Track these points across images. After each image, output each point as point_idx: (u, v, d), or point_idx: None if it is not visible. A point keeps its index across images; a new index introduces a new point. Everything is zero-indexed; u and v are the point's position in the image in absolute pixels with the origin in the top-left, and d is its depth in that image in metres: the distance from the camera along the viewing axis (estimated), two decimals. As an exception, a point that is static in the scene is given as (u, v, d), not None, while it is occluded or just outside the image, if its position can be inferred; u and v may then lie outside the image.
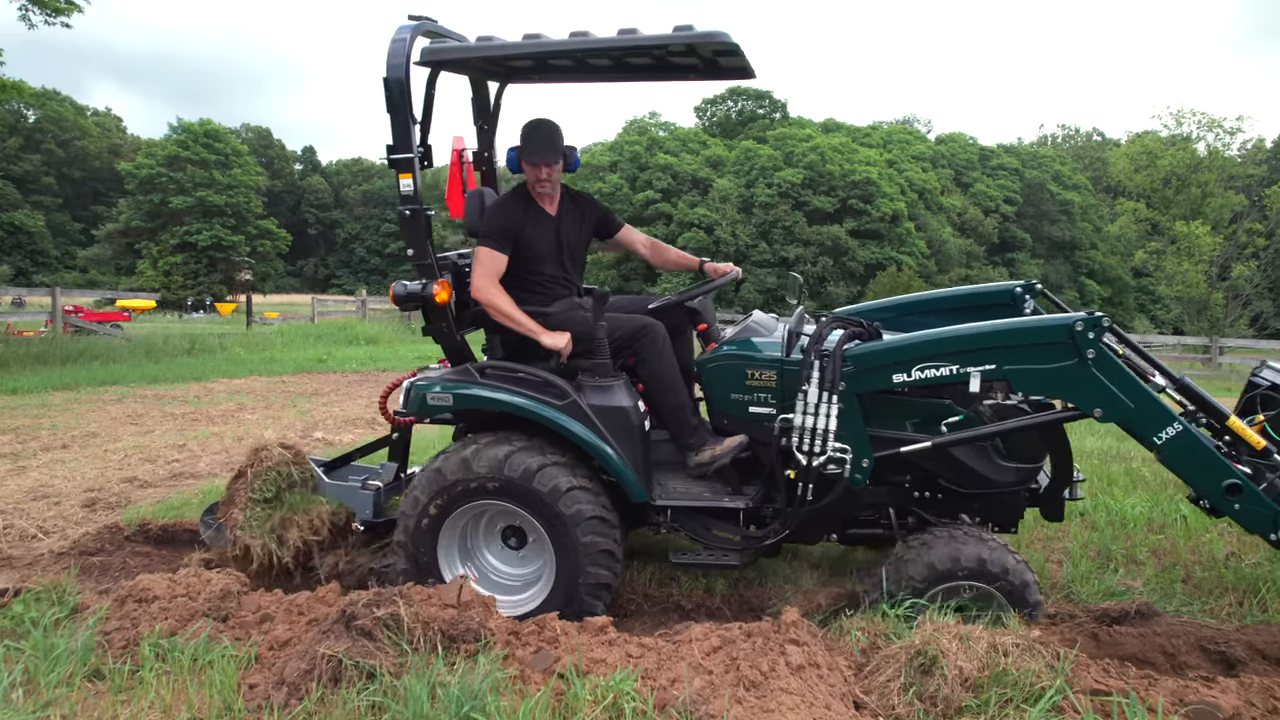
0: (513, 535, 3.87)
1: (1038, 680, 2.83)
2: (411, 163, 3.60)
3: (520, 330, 3.74)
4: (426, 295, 3.69)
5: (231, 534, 4.04)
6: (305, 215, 78.07)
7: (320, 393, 11.47)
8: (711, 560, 3.76)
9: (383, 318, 26.62)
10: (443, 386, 3.69)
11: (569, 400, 3.61)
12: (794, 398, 3.50)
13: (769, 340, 3.83)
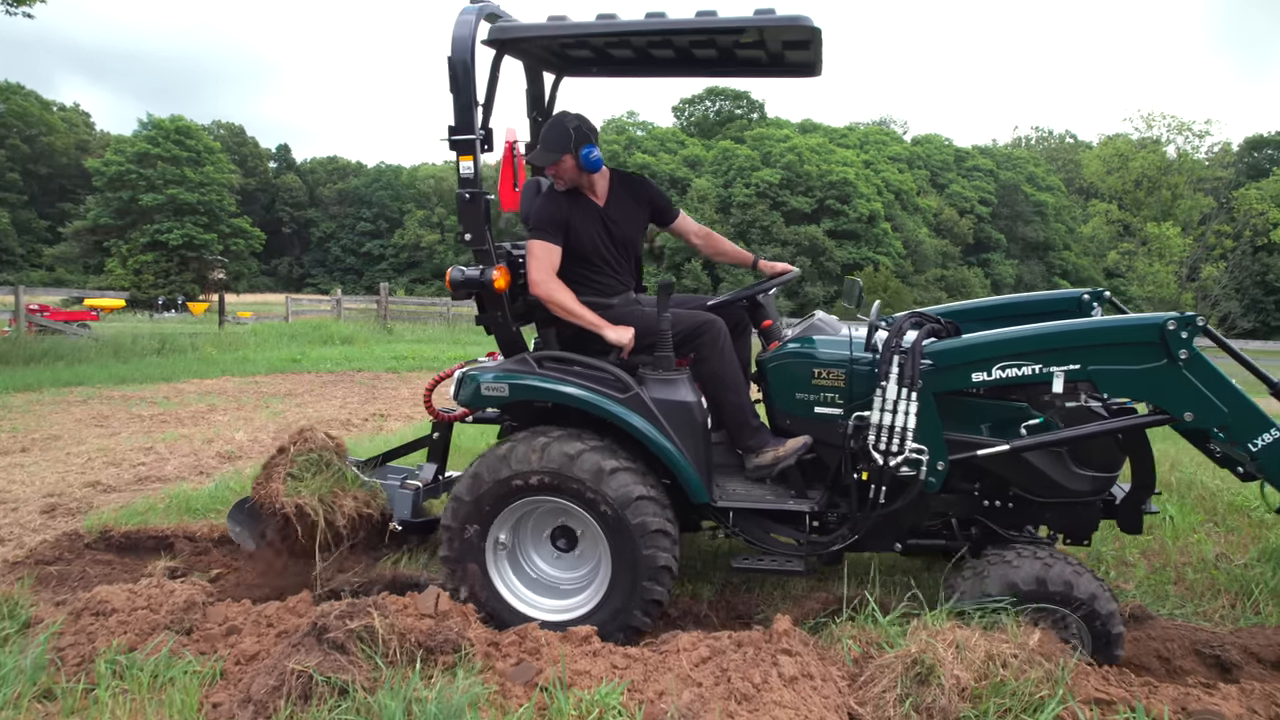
0: (562, 536, 3.70)
1: (1038, 690, 2.74)
2: (473, 145, 3.45)
3: (582, 325, 3.60)
4: (485, 282, 3.51)
5: (276, 501, 3.92)
6: (279, 214, 77.07)
7: (294, 393, 11.24)
8: (774, 566, 3.58)
9: (357, 317, 26.29)
10: (498, 376, 3.52)
11: (631, 393, 3.45)
12: (863, 398, 3.41)
13: (835, 338, 3.68)
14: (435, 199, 79.15)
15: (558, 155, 3.64)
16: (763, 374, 3.72)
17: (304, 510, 3.91)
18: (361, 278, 73.70)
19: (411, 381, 13.12)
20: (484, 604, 3.50)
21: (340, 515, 3.97)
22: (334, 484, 4.09)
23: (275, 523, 3.98)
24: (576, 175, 3.71)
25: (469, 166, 3.48)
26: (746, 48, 3.64)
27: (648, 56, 3.89)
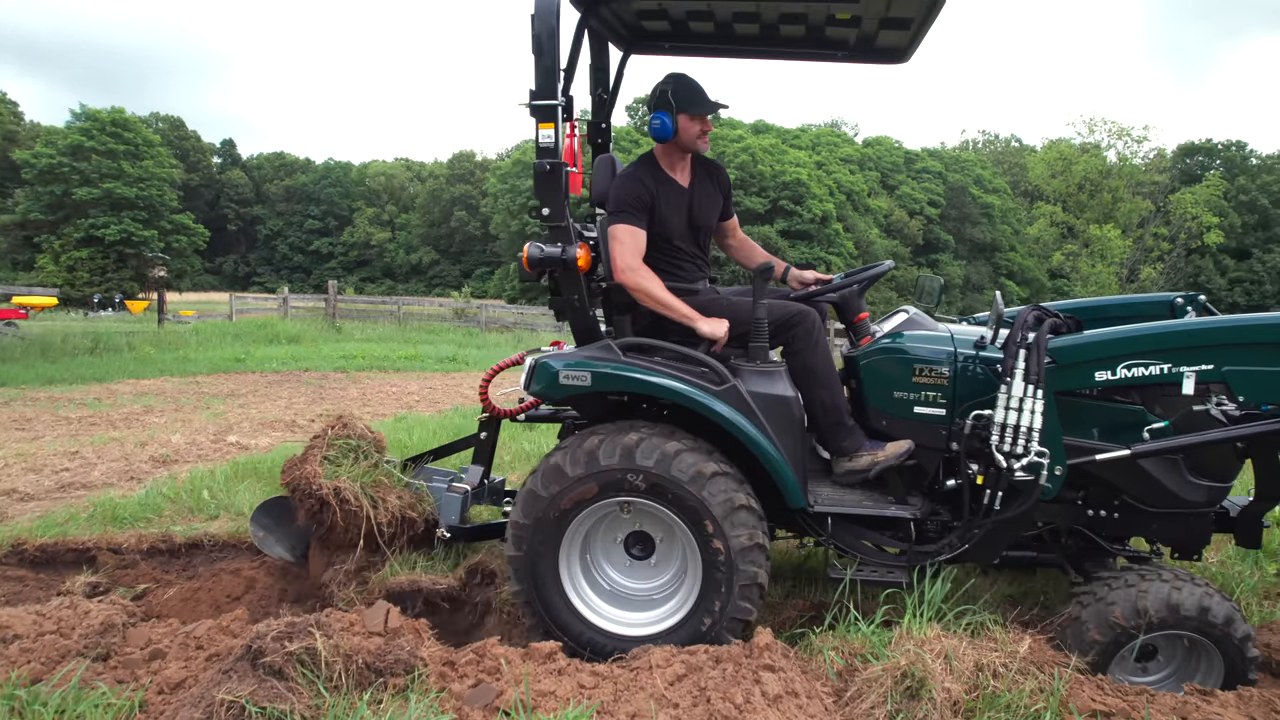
0: (637, 543, 3.41)
1: (1032, 702, 2.59)
2: (554, 111, 3.17)
3: (671, 316, 3.35)
4: (567, 260, 3.22)
5: (313, 482, 3.60)
6: (224, 210, 75.06)
7: (237, 394, 10.76)
8: (875, 577, 3.31)
9: (305, 316, 25.59)
10: (579, 364, 3.23)
11: (727, 386, 3.19)
12: (969, 398, 3.23)
13: (935, 334, 3.47)
14: (385, 196, 77.90)
15: (716, 109, 3.42)
16: (854, 371, 3.49)
17: (344, 496, 3.58)
18: (310, 276, 72.14)
19: (360, 381, 12.71)
20: (552, 611, 3.24)
21: (384, 512, 3.66)
22: (375, 477, 3.78)
23: (308, 508, 3.64)
24: (691, 142, 3.47)
25: (549, 135, 3.19)
26: (840, 25, 3.45)
27: (728, 32, 3.67)
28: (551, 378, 3.23)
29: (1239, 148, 65.83)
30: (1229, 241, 55.13)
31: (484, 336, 24.76)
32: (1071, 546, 3.47)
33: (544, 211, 3.24)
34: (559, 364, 3.23)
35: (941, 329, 3.54)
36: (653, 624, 3.26)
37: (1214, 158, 65.33)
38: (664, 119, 3.42)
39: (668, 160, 3.55)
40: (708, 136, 3.49)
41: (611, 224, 3.42)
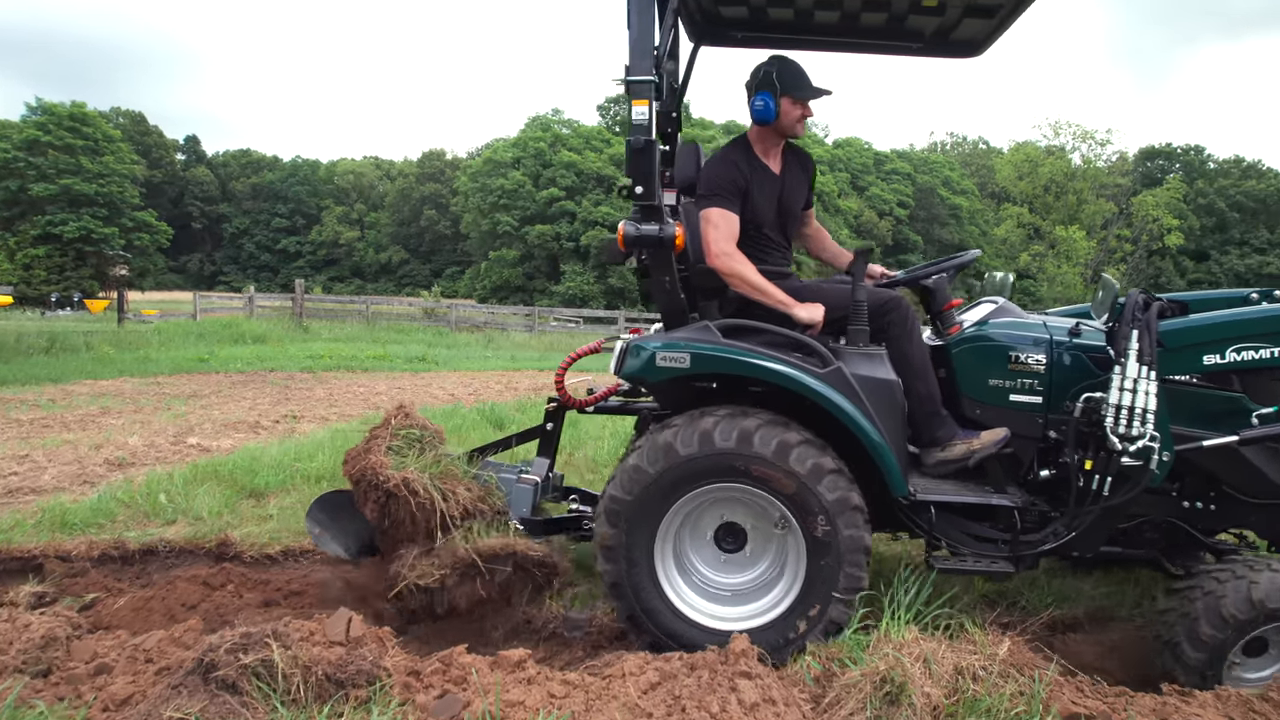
0: (727, 535, 3.30)
1: (1013, 705, 2.54)
2: (649, 88, 3.07)
3: (765, 302, 3.26)
4: (665, 239, 3.12)
5: (380, 473, 3.43)
6: (189, 208, 73.73)
7: (199, 394, 10.50)
8: (981, 567, 3.26)
9: (271, 315, 25.20)
10: (678, 345, 3.14)
11: (832, 368, 3.10)
12: (1065, 386, 3.22)
13: (1029, 321, 3.45)
14: (354, 195, 77.03)
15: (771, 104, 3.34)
16: (944, 360, 3.42)
17: (414, 488, 3.41)
18: (277, 275, 71.11)
19: (328, 381, 12.49)
20: (642, 597, 3.12)
21: (455, 504, 3.48)
22: (445, 468, 3.62)
23: (375, 500, 3.46)
24: (790, 126, 3.41)
25: (643, 112, 3.07)
26: (923, 14, 3.41)
27: (807, 21, 3.62)
28: (648, 360, 3.14)
29: (1197, 152, 67.28)
30: (1188, 244, 56.32)
31: (454, 336, 24.54)
32: (1159, 540, 3.42)
33: (636, 190, 3.14)
34: (655, 345, 3.14)
35: (1033, 317, 3.51)
36: (745, 619, 3.17)
37: (1173, 161, 66.71)
38: (767, 100, 3.34)
39: (762, 145, 3.48)
40: (805, 123, 3.44)
41: (704, 207, 3.35)
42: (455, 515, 3.46)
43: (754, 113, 3.39)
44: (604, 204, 50.39)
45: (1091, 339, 3.34)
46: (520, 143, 54.87)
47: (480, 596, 3.40)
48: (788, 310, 3.25)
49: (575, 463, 6.28)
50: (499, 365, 16.30)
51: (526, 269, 53.00)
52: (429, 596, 3.39)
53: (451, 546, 3.40)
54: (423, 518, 3.43)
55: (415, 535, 3.46)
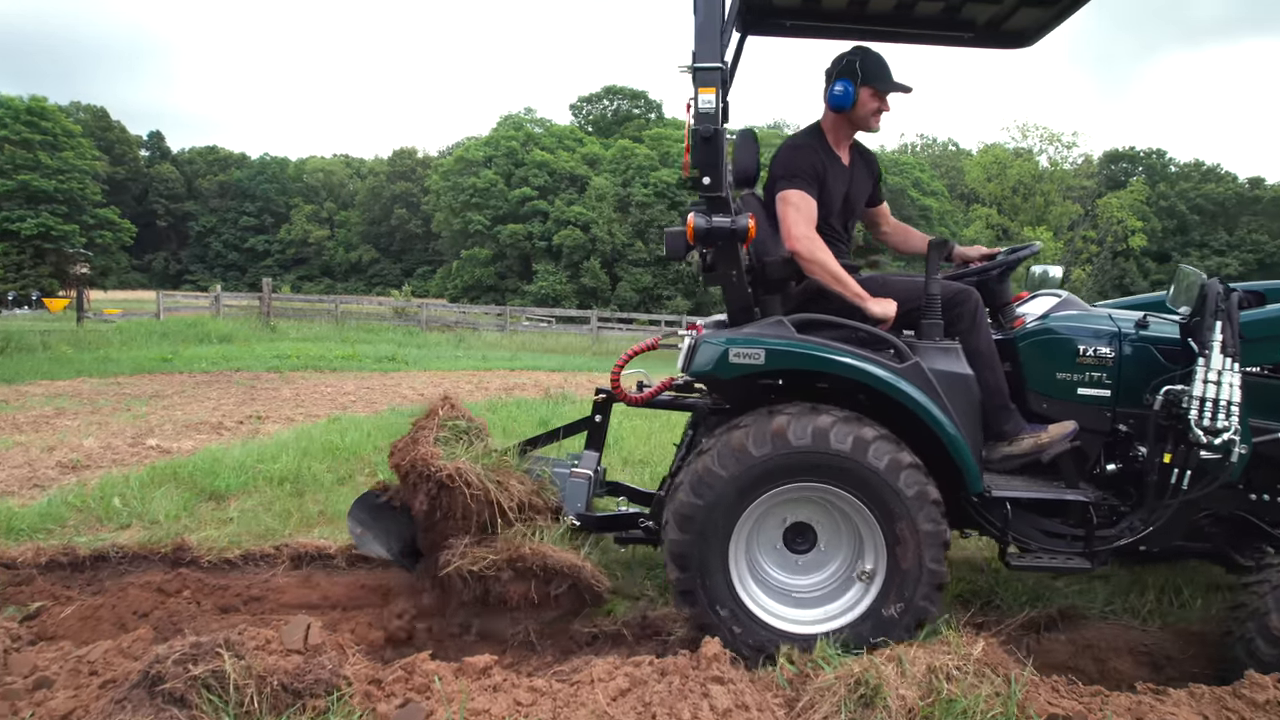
0: (796, 535, 3.22)
1: (989, 707, 2.49)
2: (717, 75, 2.96)
3: (841, 293, 3.18)
4: (738, 231, 3.01)
5: (432, 464, 3.31)
6: (153, 206, 72.37)
7: (161, 395, 10.24)
8: (1058, 564, 3.22)
9: (238, 315, 24.77)
10: (752, 341, 3.04)
11: (909, 363, 3.03)
12: (1134, 380, 3.22)
13: (1096, 314, 3.43)
14: (324, 193, 76.13)
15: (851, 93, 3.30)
16: (1010, 353, 3.38)
17: (467, 479, 3.29)
18: (245, 274, 70.06)
19: (294, 381, 12.26)
20: (720, 609, 3.02)
21: (509, 498, 3.37)
22: (497, 460, 3.51)
23: (426, 492, 3.33)
24: (867, 119, 3.37)
25: (709, 100, 2.97)
26: (981, 1, 3.39)
27: (860, 9, 3.58)
28: (719, 356, 3.04)
29: (1159, 155, 68.49)
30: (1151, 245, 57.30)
31: (425, 336, 24.29)
32: (1221, 535, 3.40)
33: (704, 181, 3.03)
34: (728, 342, 3.06)
35: (1098, 310, 3.49)
36: (826, 620, 3.10)
37: (1137, 164, 67.85)
38: (848, 87, 3.30)
39: (834, 135, 3.44)
40: (881, 117, 3.39)
41: (782, 189, 3.27)
42: (510, 508, 3.36)
43: (832, 99, 3.34)
44: (576, 204, 50.23)
45: (1160, 331, 3.34)
46: (492, 141, 54.51)
47: (530, 596, 3.30)
48: (861, 304, 3.19)
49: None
50: (470, 365, 16.13)
51: (498, 268, 52.65)
52: (483, 585, 3.29)
53: (511, 540, 3.31)
54: (475, 510, 3.32)
55: (467, 528, 3.35)
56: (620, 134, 57.27)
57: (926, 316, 3.20)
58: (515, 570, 3.27)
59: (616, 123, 61.57)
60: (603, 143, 55.84)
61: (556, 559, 3.27)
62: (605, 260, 49.55)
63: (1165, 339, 3.31)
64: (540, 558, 3.26)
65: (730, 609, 3.03)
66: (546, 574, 3.27)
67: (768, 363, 3.03)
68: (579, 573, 3.29)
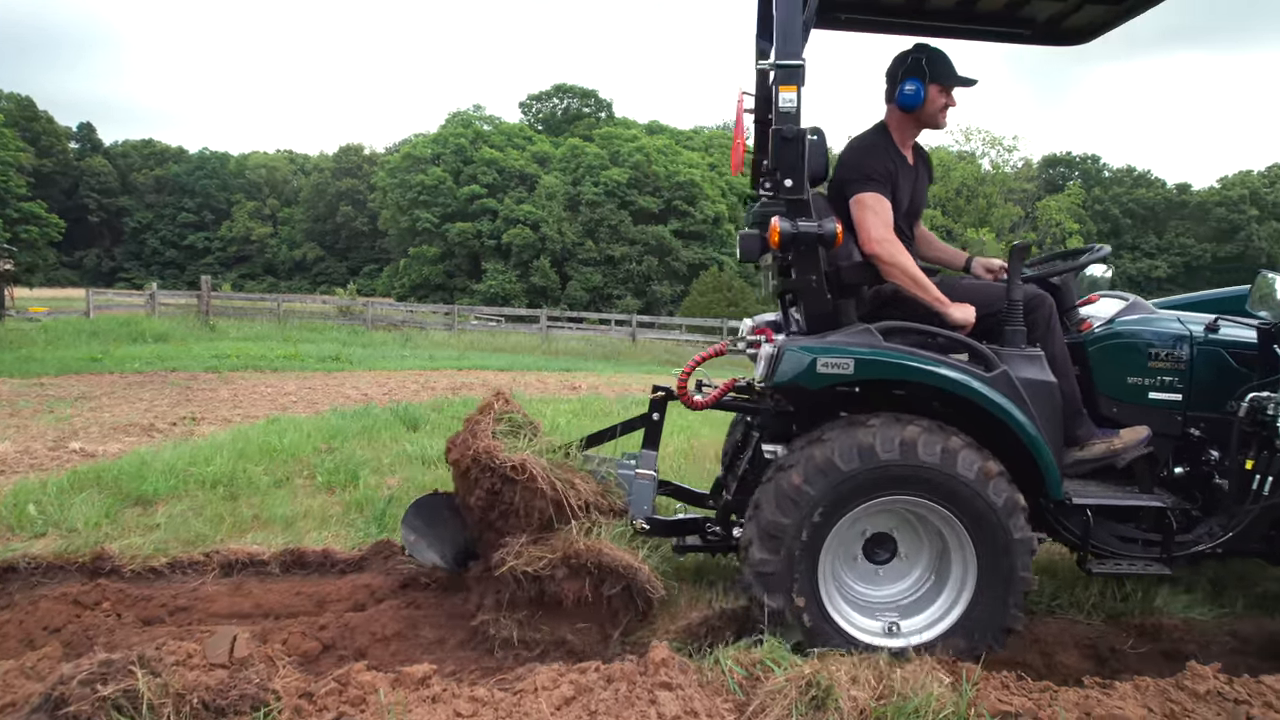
0: (876, 546, 3.15)
1: (941, 706, 2.46)
2: (799, 73, 2.89)
3: (921, 297, 3.12)
4: (825, 236, 2.92)
5: (496, 456, 3.19)
6: (84, 200, 69.80)
7: (89, 396, 9.80)
8: (1137, 569, 3.19)
9: (175, 313, 23.97)
10: (841, 351, 2.95)
11: (998, 372, 2.97)
12: (1207, 384, 3.25)
13: (1166, 318, 3.41)
14: (267, 190, 74.35)
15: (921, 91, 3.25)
16: (1079, 357, 3.35)
17: (532, 471, 3.16)
18: (184, 273, 68.03)
19: (233, 382, 11.86)
20: (813, 630, 2.92)
21: (576, 495, 3.23)
22: (558, 456, 3.38)
23: (488, 487, 3.21)
24: (935, 116, 3.32)
25: (791, 99, 2.90)
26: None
27: (920, 4, 3.55)
28: (807, 366, 2.93)
29: (1094, 160, 70.73)
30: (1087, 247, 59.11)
31: (370, 335, 23.83)
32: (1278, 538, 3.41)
33: (786, 183, 2.96)
34: (815, 351, 2.95)
35: (1166, 312, 3.49)
36: (917, 632, 3.03)
37: (1073, 169, 69.95)
38: (918, 86, 3.25)
39: (900, 134, 3.38)
40: (947, 114, 3.35)
41: (856, 192, 3.21)
42: (577, 506, 3.22)
43: (901, 99, 3.29)
44: (526, 202, 49.84)
45: (1233, 334, 3.35)
46: (440, 139, 53.81)
47: (584, 595, 3.14)
48: (941, 309, 3.13)
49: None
50: (417, 365, 15.83)
51: (447, 267, 52.00)
52: (538, 585, 3.14)
53: (566, 536, 3.16)
54: (539, 507, 3.20)
55: (528, 525, 3.22)
56: (570, 132, 57.03)
57: (1009, 323, 3.13)
58: (569, 568, 3.13)
59: (566, 121, 61.30)
60: (552, 141, 55.56)
61: (612, 557, 3.11)
62: (555, 259, 49.28)
63: (1239, 343, 3.34)
64: (595, 554, 3.10)
65: (823, 628, 2.95)
66: (600, 572, 3.12)
67: (857, 372, 2.94)
68: (635, 575, 3.11)
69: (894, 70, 3.35)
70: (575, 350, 23.66)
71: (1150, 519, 3.28)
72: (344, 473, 5.63)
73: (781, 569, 2.91)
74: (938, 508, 2.95)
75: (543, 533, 3.22)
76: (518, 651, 3.16)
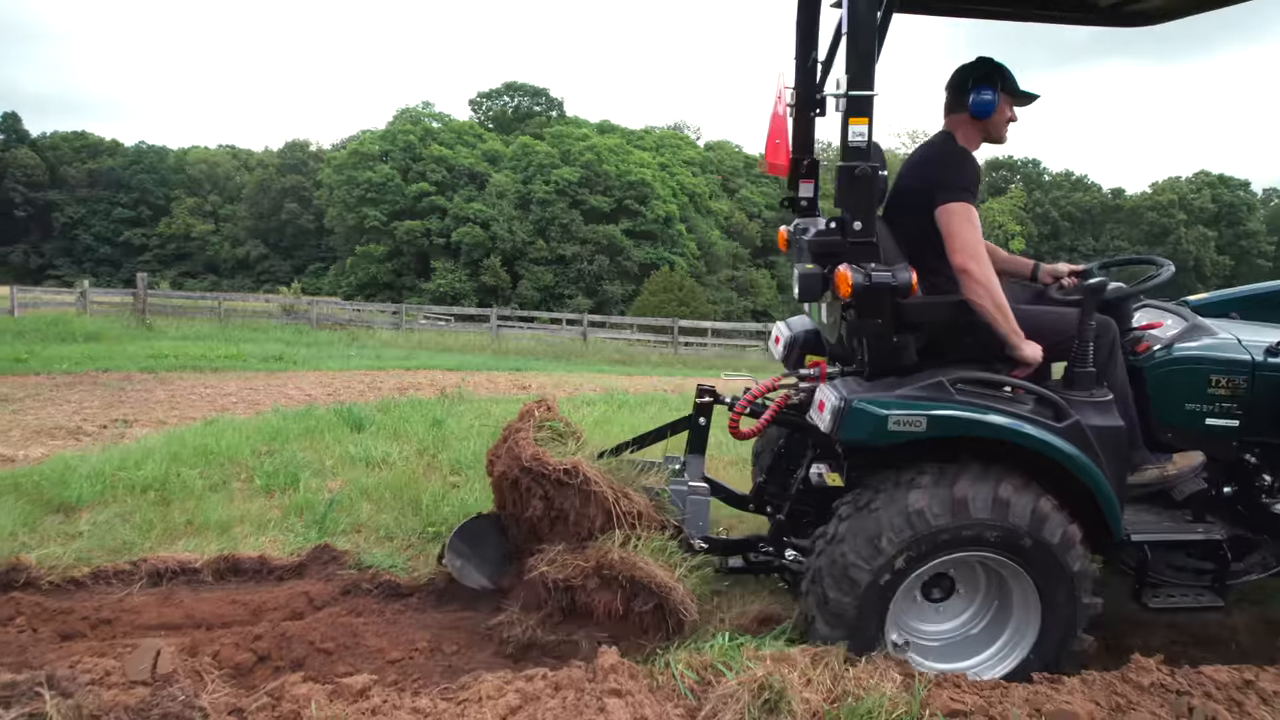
0: (934, 586, 3.07)
1: (894, 708, 2.44)
2: (870, 103, 2.70)
3: (998, 326, 2.93)
4: (900, 288, 2.75)
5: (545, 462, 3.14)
6: (10, 194, 67.00)
7: (10, 398, 9.34)
8: (1191, 603, 3.14)
9: (109, 312, 23.16)
10: (913, 406, 2.79)
11: (1070, 423, 2.85)
12: (1265, 407, 3.14)
13: (1226, 339, 3.28)
14: (208, 185, 72.31)
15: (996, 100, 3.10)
16: (1137, 380, 3.24)
17: (586, 474, 3.09)
18: (119, 270, 65.72)
19: (170, 382, 11.44)
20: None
21: (629, 504, 3.14)
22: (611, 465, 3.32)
23: (540, 493, 3.16)
24: (1000, 128, 3.19)
25: (861, 132, 2.70)
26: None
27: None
28: (878, 424, 2.78)
29: (1035, 165, 72.67)
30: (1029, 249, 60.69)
31: (315, 334, 23.32)
32: None
33: (855, 225, 2.78)
34: (886, 407, 2.79)
35: (1224, 334, 3.35)
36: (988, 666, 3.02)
37: (1015, 172, 71.75)
38: (993, 94, 3.09)
39: (968, 145, 3.21)
40: (1009, 128, 3.24)
41: (951, 201, 2.98)
42: (628, 514, 3.14)
43: (976, 106, 3.11)
44: (476, 200, 49.32)
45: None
46: (389, 135, 52.94)
47: (617, 610, 3.04)
48: (1014, 344, 2.97)
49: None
50: (363, 365, 15.49)
51: (395, 265, 51.17)
52: (569, 595, 3.07)
53: (602, 545, 3.07)
54: (590, 514, 3.12)
55: (577, 534, 3.16)
56: (521, 131, 56.61)
57: (1079, 365, 3.03)
58: (601, 578, 3.04)
59: (517, 119, 60.84)
60: (503, 139, 55.08)
61: (647, 572, 3.00)
62: (506, 258, 48.85)
63: None
64: (630, 567, 3.00)
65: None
66: (633, 587, 3.01)
67: (929, 430, 2.81)
68: (669, 594, 2.99)
69: (962, 81, 3.19)
70: (526, 350, 23.46)
71: (1204, 549, 3.23)
72: (284, 475, 5.44)
73: (852, 610, 2.82)
74: (1008, 562, 2.91)
75: (586, 542, 3.14)
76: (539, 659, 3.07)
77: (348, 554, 3.96)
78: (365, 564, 3.91)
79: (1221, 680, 2.80)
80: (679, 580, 3.03)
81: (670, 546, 3.17)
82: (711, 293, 49.05)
